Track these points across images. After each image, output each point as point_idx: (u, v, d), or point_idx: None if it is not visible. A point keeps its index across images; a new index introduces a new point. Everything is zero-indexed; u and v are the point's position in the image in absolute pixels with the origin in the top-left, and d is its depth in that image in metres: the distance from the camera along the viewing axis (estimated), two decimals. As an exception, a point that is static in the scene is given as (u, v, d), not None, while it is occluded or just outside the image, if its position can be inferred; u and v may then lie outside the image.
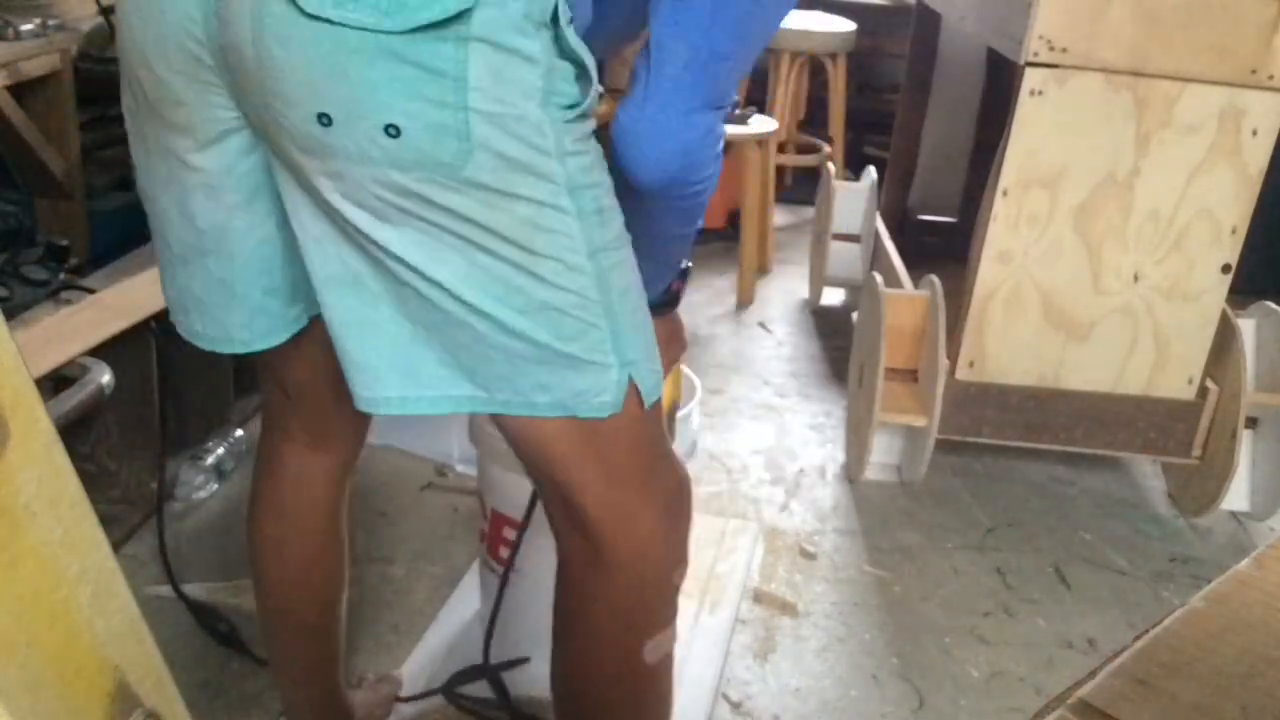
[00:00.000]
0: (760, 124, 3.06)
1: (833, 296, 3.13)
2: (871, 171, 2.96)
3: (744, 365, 2.70)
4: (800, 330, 2.95)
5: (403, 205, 0.81)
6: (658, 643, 1.04)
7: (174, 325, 1.04)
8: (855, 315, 2.41)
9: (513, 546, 1.41)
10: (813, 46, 3.58)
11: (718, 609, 1.74)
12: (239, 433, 2.06)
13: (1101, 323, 2.02)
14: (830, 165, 3.10)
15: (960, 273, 2.08)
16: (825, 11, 3.77)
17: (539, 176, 0.82)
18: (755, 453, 2.29)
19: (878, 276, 2.21)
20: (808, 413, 2.48)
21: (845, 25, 3.62)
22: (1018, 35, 1.85)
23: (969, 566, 1.96)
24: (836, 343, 2.83)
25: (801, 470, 2.24)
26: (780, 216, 3.65)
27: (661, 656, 1.05)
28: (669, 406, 1.29)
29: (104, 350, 1.71)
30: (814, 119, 3.98)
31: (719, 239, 3.40)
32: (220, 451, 2.00)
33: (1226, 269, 1.98)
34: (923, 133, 3.05)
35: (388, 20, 0.75)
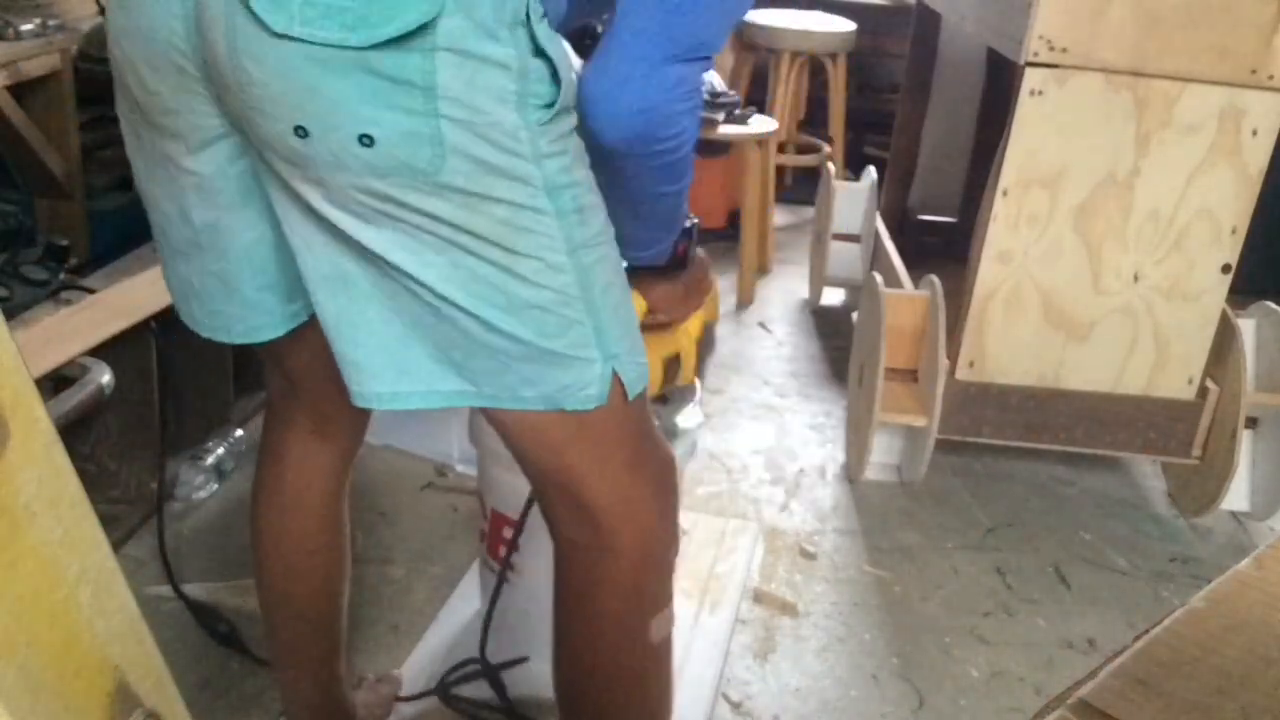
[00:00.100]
0: (760, 124, 3.05)
1: (833, 296, 3.13)
2: (871, 171, 2.96)
3: (744, 365, 2.70)
4: (800, 330, 2.95)
5: (384, 210, 0.82)
6: (660, 621, 1.06)
7: (175, 319, 1.05)
8: (855, 315, 2.41)
9: (508, 548, 1.41)
10: (813, 46, 3.58)
11: (718, 609, 1.74)
12: (239, 433, 2.06)
13: (1101, 323, 2.02)
14: (830, 165, 3.10)
15: (960, 273, 2.08)
16: (825, 11, 3.77)
17: (515, 179, 0.83)
18: (755, 453, 2.29)
19: (878, 276, 2.21)
20: (808, 413, 2.48)
21: (845, 25, 3.62)
22: (1018, 35, 1.85)
23: (969, 566, 1.96)
24: (836, 343, 2.83)
25: (801, 470, 2.24)
26: (780, 216, 3.64)
27: (664, 635, 1.08)
28: (698, 334, 1.27)
29: (104, 350, 1.71)
30: (814, 119, 3.97)
31: (719, 239, 3.40)
32: (220, 451, 2.00)
33: (1226, 269, 1.98)
34: (923, 133, 3.04)
35: (353, 36, 0.76)
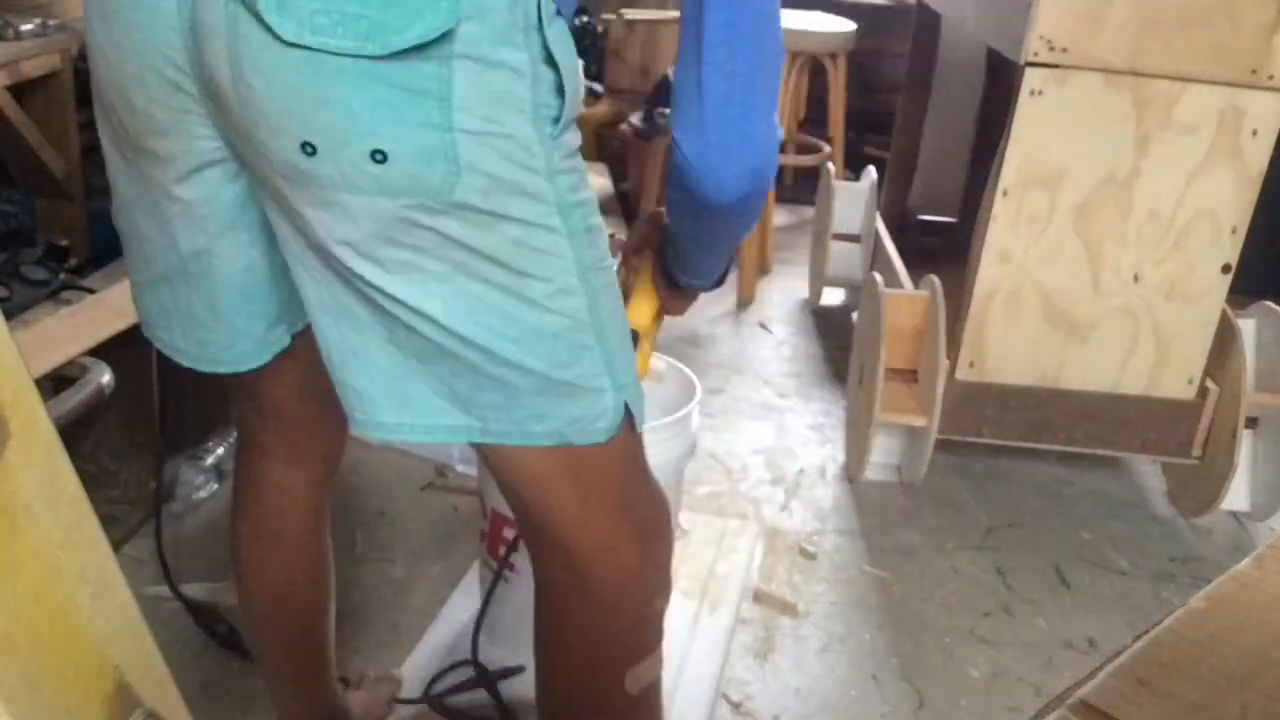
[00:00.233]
0: (760, 124, 3.05)
1: (833, 296, 3.13)
2: (871, 171, 2.96)
3: (744, 365, 2.70)
4: (800, 330, 2.95)
5: (390, 234, 0.79)
6: (640, 672, 1.01)
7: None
8: (855, 315, 2.41)
9: (508, 547, 1.41)
10: (813, 46, 3.58)
11: (718, 609, 1.74)
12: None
13: (1101, 323, 2.02)
14: (830, 165, 3.10)
15: (960, 273, 2.08)
16: (825, 11, 3.76)
17: (529, 196, 0.80)
18: (755, 453, 2.29)
19: (878, 276, 2.21)
20: (808, 413, 2.48)
21: (845, 25, 3.62)
22: (1018, 35, 1.85)
23: (969, 566, 1.96)
24: (836, 343, 2.83)
25: (801, 470, 2.24)
26: (780, 216, 3.64)
27: (645, 686, 1.02)
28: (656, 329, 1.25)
29: (104, 350, 1.71)
30: (814, 119, 3.97)
31: (719, 239, 3.39)
32: (220, 451, 2.00)
33: (1226, 269, 1.98)
34: (923, 133, 3.05)
35: (369, 44, 0.73)
